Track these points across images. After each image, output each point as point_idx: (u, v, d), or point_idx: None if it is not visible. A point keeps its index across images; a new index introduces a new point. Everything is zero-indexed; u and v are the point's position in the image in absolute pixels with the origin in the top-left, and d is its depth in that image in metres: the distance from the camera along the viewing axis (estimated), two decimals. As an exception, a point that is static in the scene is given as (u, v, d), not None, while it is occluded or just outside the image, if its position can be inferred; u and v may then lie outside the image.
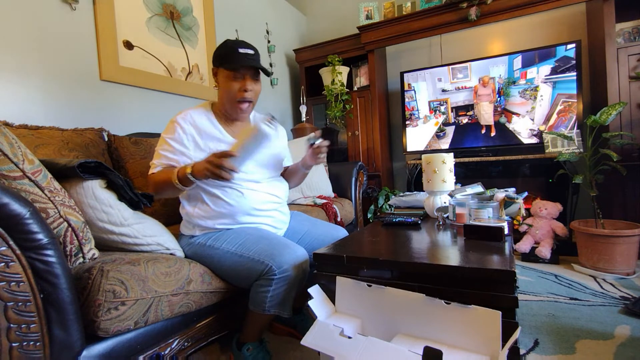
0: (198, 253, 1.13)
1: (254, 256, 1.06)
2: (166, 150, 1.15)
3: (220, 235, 1.15)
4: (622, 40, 2.24)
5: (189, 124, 1.17)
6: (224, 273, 1.11)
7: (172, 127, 1.16)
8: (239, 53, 1.13)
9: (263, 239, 1.12)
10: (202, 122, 1.20)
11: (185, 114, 1.19)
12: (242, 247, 1.09)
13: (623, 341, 1.21)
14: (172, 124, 1.17)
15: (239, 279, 1.10)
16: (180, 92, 2.20)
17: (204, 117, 1.21)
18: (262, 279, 1.05)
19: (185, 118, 1.18)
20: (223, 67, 1.16)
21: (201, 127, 1.19)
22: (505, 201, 1.30)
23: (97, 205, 0.93)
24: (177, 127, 1.15)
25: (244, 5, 2.85)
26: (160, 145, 1.17)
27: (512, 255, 0.89)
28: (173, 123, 1.17)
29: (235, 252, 1.09)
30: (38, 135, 1.30)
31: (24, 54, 1.49)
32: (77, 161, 0.88)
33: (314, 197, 2.21)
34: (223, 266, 1.10)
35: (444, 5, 2.57)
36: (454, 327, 0.73)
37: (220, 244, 1.12)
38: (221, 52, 1.18)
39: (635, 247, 1.82)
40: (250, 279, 1.07)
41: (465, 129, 2.68)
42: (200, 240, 1.15)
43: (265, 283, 1.04)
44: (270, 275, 1.03)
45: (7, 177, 0.74)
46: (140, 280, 0.87)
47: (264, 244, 1.09)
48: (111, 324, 0.80)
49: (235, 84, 1.15)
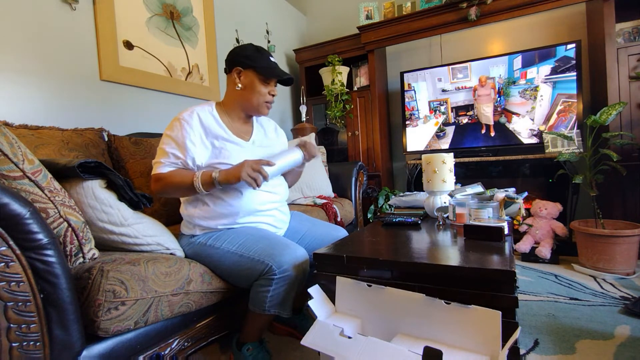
0: (198, 252, 1.13)
1: (254, 256, 1.06)
2: (173, 147, 1.14)
3: (220, 235, 1.15)
4: (622, 40, 2.24)
5: (195, 121, 1.17)
6: (224, 272, 1.11)
7: (179, 124, 1.15)
8: (271, 61, 1.24)
9: (263, 239, 1.12)
10: (207, 120, 1.20)
11: (191, 112, 1.18)
12: (243, 247, 1.09)
13: (623, 341, 1.21)
14: (177, 122, 1.15)
15: (239, 279, 1.10)
16: (180, 92, 2.20)
17: (209, 116, 1.21)
18: (262, 278, 1.05)
19: (191, 116, 1.17)
20: (256, 71, 1.21)
21: (207, 125, 1.19)
22: (505, 201, 1.30)
23: (97, 205, 0.93)
24: (185, 125, 1.15)
25: (244, 5, 2.85)
26: (167, 143, 1.15)
27: (512, 255, 0.89)
28: (179, 120, 1.15)
29: (235, 252, 1.09)
30: (38, 135, 1.30)
31: (24, 54, 1.49)
32: (77, 161, 0.88)
33: (314, 197, 2.21)
34: (223, 265, 1.10)
35: (444, 5, 2.57)
36: (454, 327, 0.73)
37: (220, 243, 1.12)
38: (250, 55, 1.22)
39: (635, 247, 1.82)
40: (250, 279, 1.07)
41: (465, 129, 2.68)
42: (201, 239, 1.16)
43: (265, 283, 1.04)
44: (271, 275, 1.03)
45: (7, 177, 0.74)
46: (140, 280, 0.87)
47: (264, 244, 1.09)
48: (111, 323, 0.80)
49: (265, 87, 1.24)
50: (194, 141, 1.15)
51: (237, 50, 1.25)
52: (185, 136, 1.14)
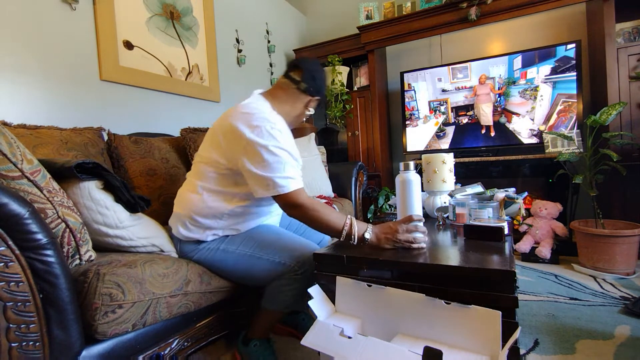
0: (208, 259, 1.09)
1: (273, 258, 1.06)
2: (291, 161, 1.01)
3: (231, 238, 1.12)
4: (622, 40, 2.24)
5: (286, 129, 1.06)
6: (237, 275, 1.11)
7: (281, 135, 1.00)
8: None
9: (278, 239, 1.11)
10: (286, 125, 1.09)
11: (281, 120, 1.05)
12: (259, 249, 1.08)
13: (623, 341, 1.21)
14: (280, 134, 1.00)
15: (257, 280, 1.10)
16: (180, 92, 2.20)
17: (284, 121, 1.10)
18: (284, 278, 1.05)
19: (283, 123, 1.05)
20: (315, 98, 1.18)
21: (289, 131, 1.09)
22: (505, 201, 1.29)
23: (93, 206, 0.92)
24: (288, 134, 1.04)
25: (244, 5, 2.85)
26: (287, 157, 0.99)
27: (512, 255, 0.89)
28: (280, 132, 1.00)
29: (252, 255, 1.07)
30: (37, 134, 1.29)
31: (24, 54, 1.49)
32: (74, 161, 0.88)
33: (314, 197, 2.21)
34: (239, 269, 1.09)
35: (444, 5, 2.56)
36: (454, 327, 0.73)
37: (234, 247, 1.09)
38: (324, 86, 1.19)
39: (635, 247, 1.82)
40: (269, 279, 1.07)
41: (465, 129, 2.68)
42: (210, 246, 1.10)
43: (288, 282, 1.04)
44: (294, 275, 1.03)
45: (5, 176, 0.74)
46: (137, 283, 0.87)
47: (281, 244, 1.08)
48: (109, 327, 0.80)
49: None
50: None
51: (321, 77, 1.17)
52: (294, 150, 1.03)
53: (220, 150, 1.04)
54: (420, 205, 1.06)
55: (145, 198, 1.04)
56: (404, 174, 1.05)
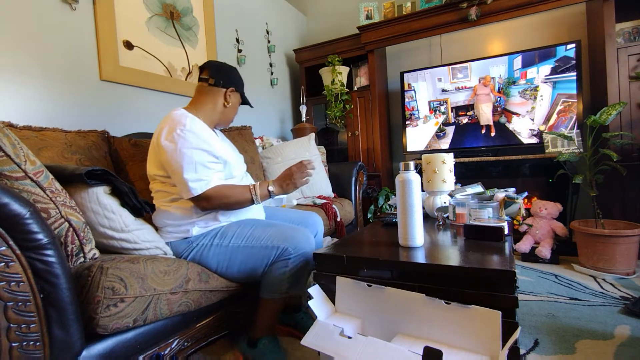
0: (203, 255, 1.12)
1: (266, 243, 1.11)
2: (205, 160, 1.11)
3: (222, 231, 1.16)
4: (622, 40, 2.24)
5: (200, 129, 1.15)
6: (234, 268, 1.12)
7: (192, 136, 1.10)
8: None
9: (269, 227, 1.16)
10: (203, 126, 1.19)
11: (192, 121, 1.14)
12: (252, 239, 1.13)
13: (623, 341, 1.21)
14: (191, 134, 1.10)
15: (254, 270, 1.12)
16: (180, 92, 2.20)
17: (200, 122, 1.20)
18: (278, 261, 1.09)
19: (194, 124, 1.14)
20: (239, 93, 1.33)
21: (206, 130, 1.19)
22: (505, 201, 1.30)
23: (100, 210, 0.94)
24: (201, 134, 1.13)
25: (244, 5, 2.85)
26: (198, 156, 1.09)
27: (512, 255, 0.89)
28: (191, 132, 1.10)
29: (246, 245, 1.12)
30: (42, 137, 1.29)
31: (24, 54, 1.49)
32: (84, 169, 0.89)
33: (314, 197, 2.21)
34: (235, 262, 1.12)
35: (444, 5, 2.56)
36: (454, 327, 0.73)
37: (227, 241, 1.14)
38: (239, 79, 1.33)
39: (635, 247, 1.82)
40: (263, 267, 1.11)
41: (465, 129, 2.68)
42: (203, 241, 1.13)
43: (282, 264, 1.09)
44: (287, 255, 1.08)
45: (9, 177, 0.74)
46: (139, 278, 0.88)
47: (273, 231, 1.14)
48: (110, 320, 0.81)
49: (237, 109, 1.37)
50: (212, 145, 1.15)
51: (229, 70, 1.30)
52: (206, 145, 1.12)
53: (156, 163, 1.17)
54: (420, 205, 1.06)
55: (150, 203, 1.05)
56: (404, 174, 1.05)
